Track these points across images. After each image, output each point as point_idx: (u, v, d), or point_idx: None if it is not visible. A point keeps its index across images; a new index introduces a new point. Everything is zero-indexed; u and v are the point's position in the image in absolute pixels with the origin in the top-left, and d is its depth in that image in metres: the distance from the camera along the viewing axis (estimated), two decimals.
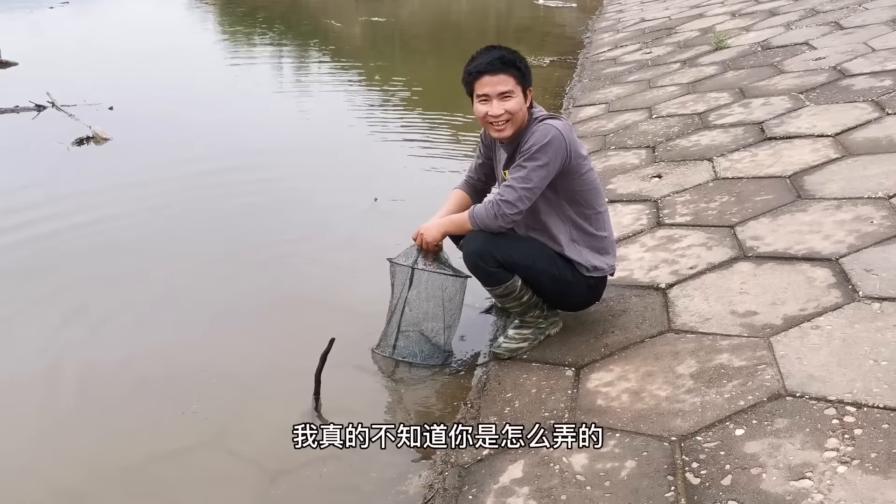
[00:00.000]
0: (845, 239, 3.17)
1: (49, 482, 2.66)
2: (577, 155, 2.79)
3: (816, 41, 6.68)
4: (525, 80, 2.76)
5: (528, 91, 2.79)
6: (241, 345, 3.48)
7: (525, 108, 2.79)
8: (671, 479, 2.10)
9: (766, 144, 4.54)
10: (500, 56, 2.74)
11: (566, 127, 2.77)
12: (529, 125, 2.80)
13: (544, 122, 2.76)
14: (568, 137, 2.74)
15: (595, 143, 5.56)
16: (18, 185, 5.81)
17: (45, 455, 2.81)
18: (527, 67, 2.78)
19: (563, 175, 2.77)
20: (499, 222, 2.75)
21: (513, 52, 2.78)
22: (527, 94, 2.78)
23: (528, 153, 2.71)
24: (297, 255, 4.33)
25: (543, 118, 2.80)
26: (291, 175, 5.92)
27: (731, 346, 2.65)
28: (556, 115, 2.85)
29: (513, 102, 2.73)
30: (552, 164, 2.71)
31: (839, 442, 2.07)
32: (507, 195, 2.72)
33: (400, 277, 3.13)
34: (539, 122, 2.78)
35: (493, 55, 2.74)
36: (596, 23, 11.98)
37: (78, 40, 13.64)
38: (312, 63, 12.03)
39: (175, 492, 2.59)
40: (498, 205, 2.72)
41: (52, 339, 3.58)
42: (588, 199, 2.86)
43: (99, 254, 4.52)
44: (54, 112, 8.00)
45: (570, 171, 2.78)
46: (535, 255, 2.86)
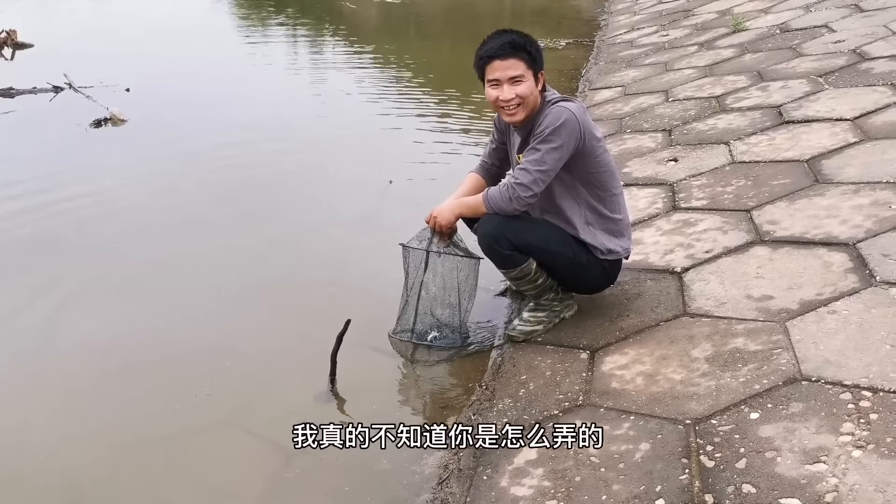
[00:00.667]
0: (863, 224, 3.15)
1: (66, 459, 2.71)
2: (591, 136, 2.78)
3: (836, 24, 6.60)
4: (536, 64, 2.75)
5: (540, 74, 2.78)
6: (257, 325, 3.51)
7: (537, 92, 2.79)
8: (685, 462, 2.11)
9: (783, 128, 4.51)
10: (511, 40, 2.72)
11: (579, 109, 2.76)
12: (542, 108, 2.80)
13: (557, 105, 2.75)
14: (581, 119, 2.74)
15: (611, 126, 5.53)
16: (39, 165, 5.89)
17: (63, 432, 2.86)
18: (538, 51, 2.77)
19: (578, 157, 2.76)
20: (514, 205, 2.75)
21: (524, 35, 2.77)
22: (538, 77, 2.78)
23: (541, 136, 2.71)
24: (313, 236, 4.36)
25: (556, 101, 2.79)
26: (306, 156, 5.95)
27: (746, 331, 2.65)
28: (569, 98, 2.84)
29: (523, 87, 2.73)
30: (566, 146, 2.70)
31: (854, 426, 2.07)
32: (521, 178, 2.72)
33: (414, 261, 3.13)
34: (552, 104, 2.77)
35: (504, 39, 2.73)
36: (612, 5, 11.86)
37: (93, 22, 13.67)
38: (326, 44, 12.00)
39: (192, 469, 2.64)
40: (513, 188, 2.72)
41: (69, 315, 3.63)
42: (603, 181, 2.86)
43: (116, 235, 4.57)
44: (72, 94, 8.04)
45: (585, 153, 2.77)
46: (550, 237, 2.86)
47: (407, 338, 3.21)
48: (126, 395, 3.05)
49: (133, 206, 5.02)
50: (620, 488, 2.09)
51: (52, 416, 2.96)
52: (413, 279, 3.16)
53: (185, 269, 4.09)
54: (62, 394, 3.08)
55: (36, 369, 3.26)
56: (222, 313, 3.64)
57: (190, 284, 3.92)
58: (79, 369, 3.23)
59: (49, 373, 3.23)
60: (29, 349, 3.40)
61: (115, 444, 2.76)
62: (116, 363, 3.25)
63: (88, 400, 3.04)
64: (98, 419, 2.92)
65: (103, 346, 3.37)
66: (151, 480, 2.59)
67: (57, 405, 3.02)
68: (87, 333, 3.50)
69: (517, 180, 2.72)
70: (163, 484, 2.57)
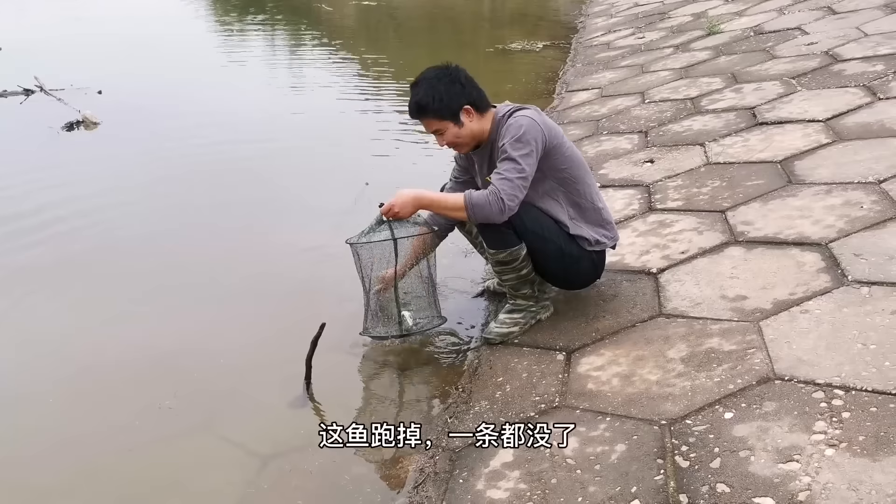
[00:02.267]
0: (835, 224, 3.18)
1: (38, 467, 2.66)
2: (553, 135, 2.82)
3: (809, 26, 6.67)
4: (446, 113, 2.80)
5: (464, 110, 2.81)
6: (230, 330, 3.47)
7: (470, 126, 2.84)
8: (661, 463, 2.11)
9: (757, 129, 4.55)
10: (415, 102, 2.83)
11: (535, 112, 2.82)
12: (497, 125, 2.85)
13: (513, 116, 2.80)
14: (540, 120, 2.79)
15: (588, 127, 5.55)
16: (13, 169, 5.80)
17: (34, 440, 2.81)
18: (443, 100, 2.78)
19: (546, 157, 2.79)
20: (504, 216, 2.74)
21: (430, 87, 2.79)
22: (462, 113, 2.81)
23: (508, 146, 2.72)
24: (287, 241, 4.32)
25: (510, 112, 2.83)
26: (280, 160, 5.92)
27: (721, 331, 2.66)
28: (521, 107, 2.86)
29: (446, 136, 2.86)
30: (535, 148, 2.74)
31: (827, 425, 2.08)
32: (505, 188, 2.69)
33: (370, 255, 3.01)
34: (508, 116, 2.81)
35: (411, 101, 2.84)
36: (589, 7, 11.92)
37: (62, 23, 13.47)
38: (303, 47, 11.95)
39: (166, 476, 2.60)
40: (501, 199, 2.69)
41: (37, 321, 3.58)
42: (575, 174, 2.89)
43: (89, 240, 4.52)
44: (42, 96, 7.94)
45: (552, 152, 2.81)
46: (544, 224, 2.87)
47: (396, 332, 3.13)
48: (97, 402, 3.00)
49: (105, 209, 4.95)
50: (596, 490, 2.09)
51: (22, 423, 2.91)
52: (370, 275, 3.07)
53: (157, 274, 4.04)
54: (32, 401, 3.03)
55: (6, 376, 3.20)
56: (195, 318, 3.60)
57: (162, 289, 3.87)
58: (49, 376, 3.17)
59: (17, 379, 3.17)
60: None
61: (87, 452, 2.71)
62: (86, 370, 3.20)
63: (60, 407, 2.99)
64: (70, 426, 2.87)
65: (74, 352, 3.32)
66: (125, 488, 2.55)
67: (27, 412, 2.97)
68: (58, 339, 3.44)
69: (503, 190, 2.69)
70: (137, 491, 2.53)
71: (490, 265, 3.17)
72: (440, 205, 2.87)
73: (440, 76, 2.82)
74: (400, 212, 2.85)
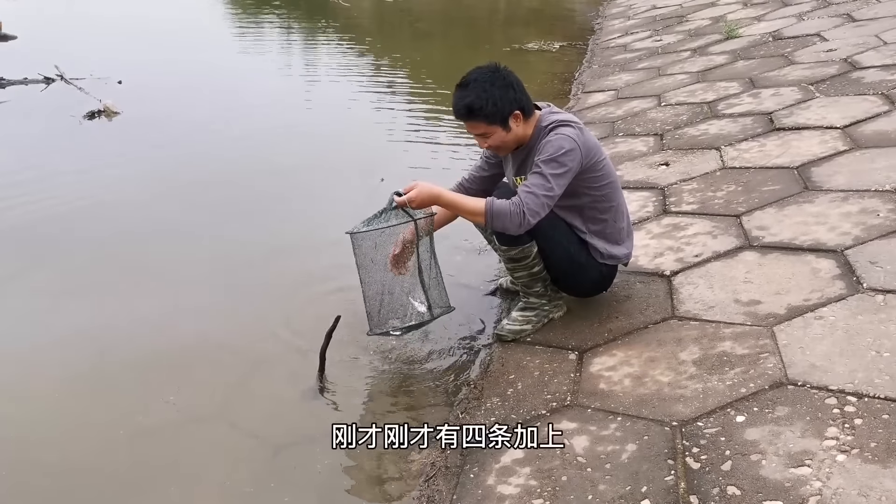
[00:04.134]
0: (851, 231, 3.18)
1: (51, 453, 2.69)
2: (591, 156, 2.78)
3: (828, 33, 6.65)
4: (496, 117, 2.73)
5: (514, 115, 2.75)
6: (245, 321, 3.50)
7: (514, 133, 2.78)
8: (671, 463, 2.12)
9: (774, 135, 4.54)
10: (466, 104, 2.73)
11: (579, 134, 2.75)
12: (540, 133, 2.80)
13: (556, 132, 2.73)
14: (582, 144, 2.74)
15: (603, 129, 5.55)
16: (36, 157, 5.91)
17: (48, 426, 2.84)
18: (496, 104, 2.71)
19: (580, 174, 2.77)
20: (522, 229, 2.72)
21: (481, 91, 2.71)
22: (511, 118, 2.75)
23: (545, 161, 2.69)
24: (304, 234, 4.35)
25: (554, 125, 2.76)
26: (298, 153, 5.94)
27: (734, 335, 2.67)
28: (567, 121, 2.78)
29: (492, 139, 2.80)
30: (570, 171, 2.71)
31: (839, 431, 2.08)
32: (531, 203, 2.67)
33: (367, 245, 2.85)
34: (551, 130, 2.76)
35: (459, 101, 2.75)
36: (607, 9, 11.90)
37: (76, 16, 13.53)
38: (319, 42, 11.99)
39: (178, 463, 2.63)
40: (523, 213, 2.67)
41: (57, 309, 3.62)
42: (606, 193, 2.87)
43: (108, 228, 4.56)
44: (62, 85, 8.00)
45: (586, 171, 2.79)
46: (557, 226, 2.87)
47: (426, 318, 2.99)
48: (111, 390, 3.03)
49: (127, 199, 5.02)
50: (606, 488, 2.10)
51: (36, 410, 2.93)
52: (371, 267, 2.90)
53: (174, 264, 4.08)
54: (47, 388, 3.06)
55: (21, 363, 3.23)
56: (211, 309, 3.63)
57: (178, 279, 3.91)
58: (65, 363, 3.20)
59: (34, 367, 3.20)
60: (12, 343, 3.37)
61: (100, 438, 2.75)
62: (102, 357, 3.23)
63: (74, 394, 3.02)
64: (84, 413, 2.90)
65: (89, 339, 3.35)
66: (137, 474, 2.58)
67: (42, 399, 3.00)
68: (75, 327, 3.47)
69: (527, 205, 2.67)
70: (148, 477, 2.56)
71: (503, 262, 3.17)
72: (459, 207, 2.80)
73: (493, 79, 2.74)
74: (417, 198, 2.74)
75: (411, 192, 2.72)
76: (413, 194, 2.72)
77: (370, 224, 2.80)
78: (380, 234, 2.81)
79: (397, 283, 2.95)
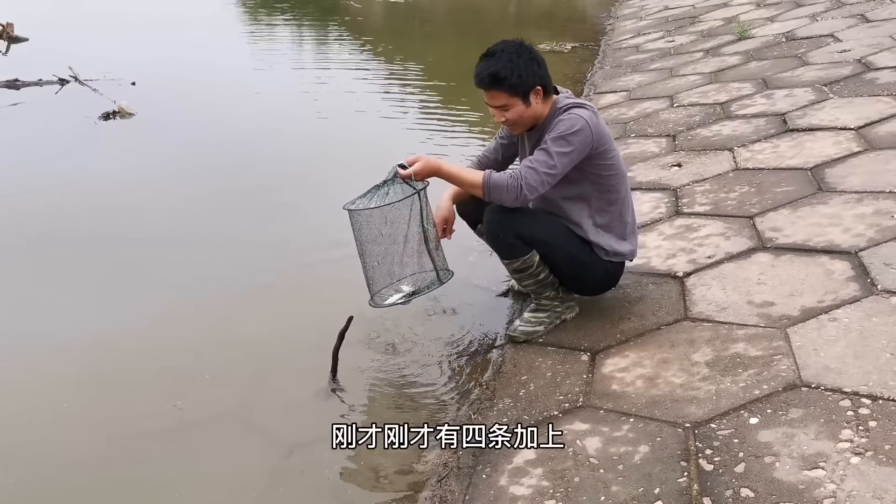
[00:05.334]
0: (865, 232, 3.16)
1: (66, 450, 2.72)
2: (602, 142, 2.79)
3: (842, 33, 6.61)
4: (520, 90, 2.73)
5: (534, 91, 2.75)
6: (259, 320, 3.52)
7: (532, 109, 2.78)
8: (684, 465, 2.12)
9: (787, 136, 4.52)
10: (491, 73, 2.71)
11: (592, 116, 2.76)
12: (554, 114, 2.80)
13: (571, 112, 2.75)
14: (594, 127, 2.75)
15: (615, 130, 5.54)
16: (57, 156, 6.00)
17: (63, 424, 2.87)
18: (521, 76, 2.71)
19: (589, 159, 2.78)
20: (517, 202, 2.74)
21: (507, 62, 2.71)
22: (531, 95, 2.75)
23: (553, 139, 2.71)
24: (318, 234, 4.36)
25: (570, 106, 2.78)
26: (310, 153, 5.98)
27: (747, 336, 2.66)
28: (582, 104, 2.81)
29: (510, 113, 2.77)
30: (577, 151, 2.72)
31: (853, 433, 2.08)
32: (530, 178, 2.69)
33: (375, 221, 2.81)
34: (565, 110, 2.77)
35: (486, 70, 2.73)
36: (618, 10, 11.87)
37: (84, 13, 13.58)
38: (331, 43, 12.03)
39: (192, 462, 2.65)
40: (520, 186, 2.69)
41: (75, 308, 3.65)
42: (613, 183, 2.87)
43: (122, 226, 4.59)
44: (77, 86, 8.06)
45: (595, 157, 2.79)
46: (556, 232, 2.87)
47: (435, 285, 2.97)
48: (126, 388, 3.06)
49: (141, 198, 5.06)
50: (619, 489, 2.10)
51: (51, 407, 2.96)
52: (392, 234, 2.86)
53: (187, 263, 4.11)
54: (62, 385, 3.09)
55: (36, 361, 3.25)
56: (224, 308, 3.65)
57: (192, 278, 3.93)
58: (79, 361, 3.24)
59: (48, 364, 3.22)
60: (28, 340, 3.40)
61: (115, 436, 2.76)
62: (116, 355, 3.26)
63: (88, 392, 3.05)
64: (98, 411, 2.93)
65: (104, 337, 3.38)
66: (151, 473, 2.60)
67: (56, 397, 3.02)
68: (89, 324, 3.51)
69: (525, 179, 2.69)
70: (162, 476, 2.58)
71: (509, 273, 3.16)
72: (459, 179, 2.82)
73: (519, 51, 2.73)
74: (420, 172, 2.75)
75: (416, 164, 2.74)
76: (418, 167, 2.73)
77: (369, 197, 2.79)
78: (391, 208, 2.78)
79: (404, 254, 2.91)
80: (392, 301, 2.97)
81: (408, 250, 2.90)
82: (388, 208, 2.77)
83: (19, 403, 3.00)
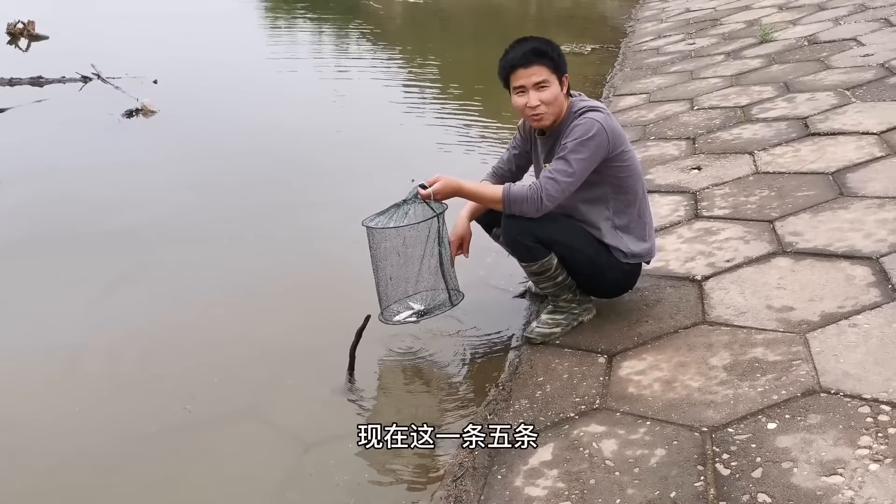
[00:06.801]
0: (887, 238, 3.13)
1: (83, 448, 2.74)
2: (618, 144, 2.79)
3: (865, 37, 6.55)
4: (559, 69, 2.78)
5: (564, 78, 2.81)
6: (276, 319, 3.54)
7: (562, 97, 2.81)
8: (701, 469, 2.11)
9: (809, 140, 4.49)
10: (533, 48, 2.76)
11: (607, 119, 2.78)
12: (569, 117, 2.81)
13: (586, 115, 2.77)
14: (609, 130, 2.76)
15: (635, 132, 5.52)
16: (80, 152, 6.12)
17: (80, 422, 2.89)
18: (560, 56, 2.79)
19: (606, 162, 2.78)
20: (538, 213, 2.76)
21: (546, 41, 2.80)
22: (562, 81, 2.80)
23: (571, 146, 2.72)
24: (336, 233, 4.38)
25: (584, 110, 2.80)
26: (331, 153, 6.00)
27: (765, 341, 2.65)
28: (595, 107, 2.83)
29: (548, 92, 2.76)
30: (594, 156, 2.73)
31: (872, 440, 2.06)
32: (550, 188, 2.71)
33: (399, 239, 2.88)
34: (580, 114, 2.78)
35: (526, 47, 2.77)
36: (639, 12, 11.83)
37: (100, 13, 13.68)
38: (351, 43, 12.07)
39: (208, 459, 2.66)
40: (540, 198, 2.71)
41: (93, 305, 3.69)
42: (630, 185, 2.88)
43: (140, 227, 4.63)
44: (99, 84, 8.15)
45: (612, 159, 2.79)
46: (574, 235, 2.88)
47: (446, 309, 3.07)
48: (142, 386, 3.07)
49: (161, 197, 5.11)
50: (635, 492, 2.10)
51: (68, 405, 2.98)
52: (411, 255, 2.94)
53: (204, 262, 4.14)
54: (79, 384, 3.11)
55: (53, 359, 3.27)
56: (241, 306, 3.67)
57: (209, 277, 3.96)
58: (95, 358, 3.26)
59: (67, 363, 3.24)
60: (47, 340, 3.42)
61: (131, 434, 2.78)
62: (134, 354, 3.28)
63: (106, 390, 3.07)
64: (115, 409, 2.94)
65: (122, 338, 3.40)
66: (168, 470, 2.61)
67: (74, 395, 3.04)
68: (107, 324, 3.53)
69: (545, 190, 2.71)
70: (179, 474, 2.60)
71: (526, 276, 3.17)
72: (479, 196, 2.89)
73: (547, 40, 2.81)
74: (440, 192, 2.80)
75: (436, 184, 2.79)
76: (438, 187, 2.78)
77: (389, 215, 2.86)
78: (409, 229, 2.85)
79: (419, 273, 3.00)
80: (401, 318, 3.06)
81: (423, 270, 2.99)
82: (406, 228, 2.84)
83: (35, 402, 3.02)
